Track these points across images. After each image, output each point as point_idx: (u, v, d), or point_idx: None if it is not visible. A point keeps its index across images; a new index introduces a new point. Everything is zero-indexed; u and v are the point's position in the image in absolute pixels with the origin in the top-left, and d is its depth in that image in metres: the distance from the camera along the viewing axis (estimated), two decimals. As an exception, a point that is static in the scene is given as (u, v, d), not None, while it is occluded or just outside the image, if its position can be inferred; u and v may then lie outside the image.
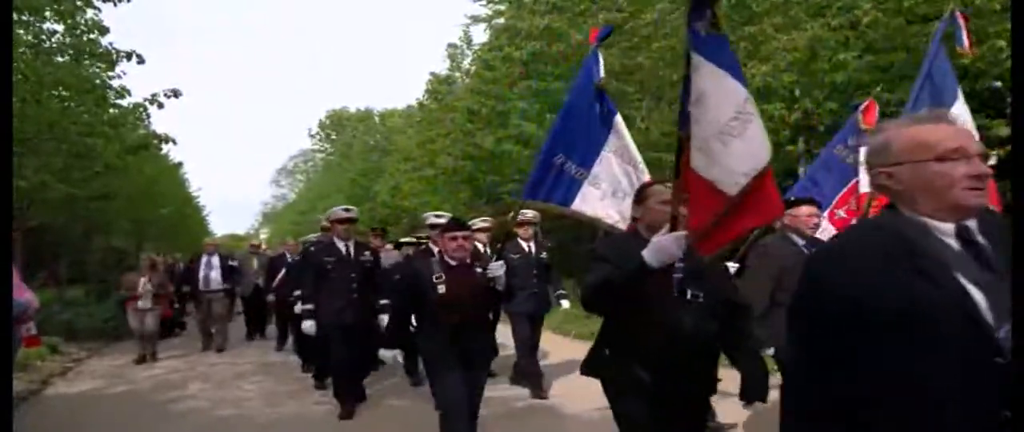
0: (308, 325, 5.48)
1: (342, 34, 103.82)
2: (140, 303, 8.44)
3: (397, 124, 32.79)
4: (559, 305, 6.49)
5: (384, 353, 4.10)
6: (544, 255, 6.27)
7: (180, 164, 24.28)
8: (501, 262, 3.79)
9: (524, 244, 6.12)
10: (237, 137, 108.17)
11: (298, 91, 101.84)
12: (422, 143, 18.86)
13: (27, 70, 7.64)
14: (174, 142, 9.57)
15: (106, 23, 8.86)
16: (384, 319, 5.34)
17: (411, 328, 4.00)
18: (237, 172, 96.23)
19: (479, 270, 3.75)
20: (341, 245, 5.56)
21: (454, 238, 3.68)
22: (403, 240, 7.71)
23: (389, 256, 7.36)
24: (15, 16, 7.63)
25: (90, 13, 8.70)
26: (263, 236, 41.08)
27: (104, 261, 18.71)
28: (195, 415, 5.82)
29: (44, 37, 8.65)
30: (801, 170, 8.35)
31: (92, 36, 8.80)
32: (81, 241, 18.13)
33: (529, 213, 5.91)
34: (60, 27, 8.66)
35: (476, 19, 18.92)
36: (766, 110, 8.34)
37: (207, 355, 9.22)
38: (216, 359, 8.92)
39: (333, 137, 45.59)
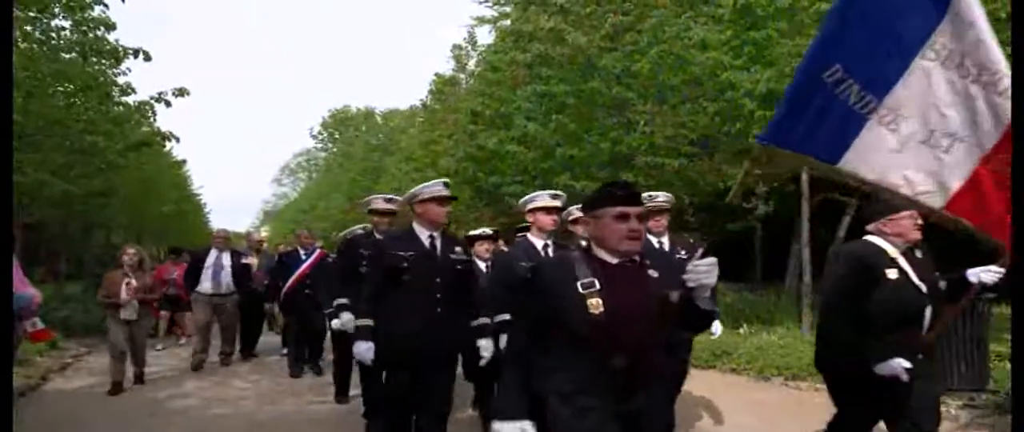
0: (364, 349, 3.61)
1: (346, 33, 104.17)
2: (123, 313, 6.53)
3: (400, 124, 32.91)
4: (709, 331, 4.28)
5: None
6: (683, 254, 4.14)
7: (183, 161, 24.26)
8: (712, 260, 1.99)
9: (655, 240, 4.09)
10: (240, 135, 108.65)
11: (301, 90, 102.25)
12: (425, 144, 18.92)
13: (29, 65, 7.63)
14: (177, 140, 9.59)
15: (112, 20, 8.90)
16: (484, 346, 3.84)
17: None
18: (239, 170, 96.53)
19: (655, 274, 2.13)
20: (424, 236, 3.75)
21: (623, 217, 2.03)
22: (473, 233, 5.42)
23: None
24: (23, 14, 7.63)
25: (98, 9, 8.72)
26: (263, 234, 41.03)
27: (102, 258, 18.68)
28: (192, 411, 5.79)
29: (52, 34, 8.65)
30: (804, 176, 8.28)
31: (99, 33, 8.82)
32: (80, 237, 18.12)
33: (660, 197, 4.20)
34: (67, 23, 8.67)
35: (482, 20, 19.00)
36: (769, 116, 8.33)
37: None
38: (213, 356, 8.78)
39: (336, 136, 45.68)
